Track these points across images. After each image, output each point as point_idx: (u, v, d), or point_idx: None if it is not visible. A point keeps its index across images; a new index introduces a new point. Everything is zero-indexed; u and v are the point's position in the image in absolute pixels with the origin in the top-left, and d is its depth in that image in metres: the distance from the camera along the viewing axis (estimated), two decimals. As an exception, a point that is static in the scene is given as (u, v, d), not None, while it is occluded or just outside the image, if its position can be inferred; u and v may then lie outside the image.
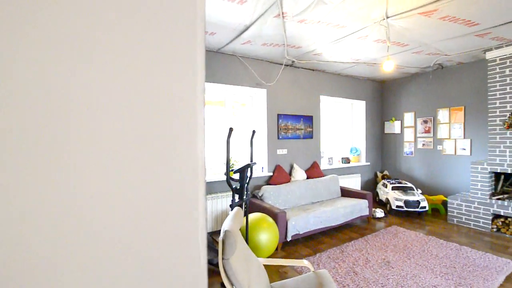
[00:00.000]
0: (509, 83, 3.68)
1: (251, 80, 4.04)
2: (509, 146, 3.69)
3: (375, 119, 5.84)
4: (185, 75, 0.47)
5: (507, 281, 2.51)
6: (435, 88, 4.97)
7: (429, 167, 5.09)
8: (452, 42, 3.47)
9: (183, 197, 0.47)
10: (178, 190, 0.47)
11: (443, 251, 3.12)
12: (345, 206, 3.80)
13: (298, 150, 4.53)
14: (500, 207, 3.68)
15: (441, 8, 2.49)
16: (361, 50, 3.68)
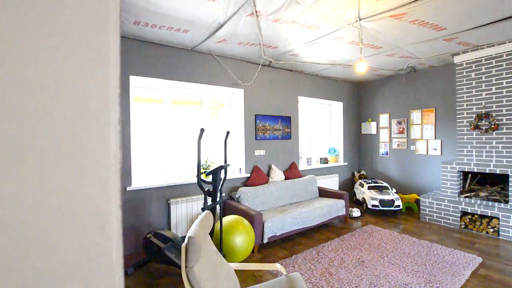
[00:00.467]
0: (475, 87, 3.86)
1: (228, 80, 3.96)
2: (475, 146, 3.87)
3: (353, 120, 5.95)
4: (92, 68, 0.39)
5: (472, 276, 2.61)
6: (408, 90, 5.14)
7: (403, 166, 5.24)
8: (422, 45, 3.58)
9: (89, 210, 0.39)
10: (83, 201, 0.39)
11: (415, 249, 3.20)
12: (322, 206, 3.82)
13: (276, 151, 4.51)
14: (468, 205, 3.85)
15: (410, 11, 2.55)
16: (337, 51, 3.71)
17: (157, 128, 3.66)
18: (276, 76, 4.55)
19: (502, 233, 3.52)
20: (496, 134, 3.66)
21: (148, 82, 3.44)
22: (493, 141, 3.69)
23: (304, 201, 4.20)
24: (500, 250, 3.17)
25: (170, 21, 2.72)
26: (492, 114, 3.68)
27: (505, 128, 3.59)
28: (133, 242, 3.20)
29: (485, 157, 3.76)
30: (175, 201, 3.38)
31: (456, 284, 2.43)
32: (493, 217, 3.66)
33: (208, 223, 1.75)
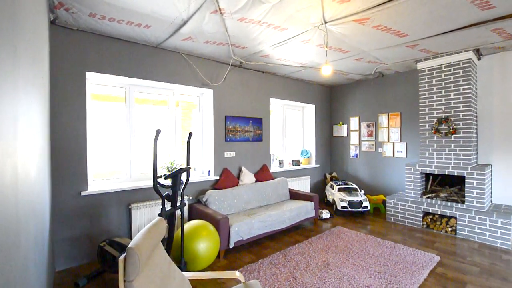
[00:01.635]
0: (435, 92, 4.05)
1: (196, 80, 3.83)
2: (436, 149, 4.05)
3: (325, 122, 6.04)
4: None
5: (430, 275, 2.69)
6: (376, 94, 5.30)
7: (371, 168, 5.40)
8: (387, 51, 3.70)
9: None
10: None
11: (379, 249, 3.26)
12: (292, 209, 3.80)
13: (247, 153, 4.44)
14: (429, 205, 4.01)
15: (373, 17, 2.60)
16: (306, 54, 3.72)
17: (120, 128, 3.44)
18: (248, 77, 4.49)
19: (459, 231, 3.71)
20: (454, 137, 3.86)
21: (109, 79, 3.23)
22: (452, 144, 3.88)
23: (274, 203, 4.16)
24: (457, 248, 3.32)
25: (129, 15, 2.56)
26: (451, 118, 3.87)
27: (462, 132, 3.79)
28: (88, 251, 2.97)
29: (445, 160, 3.95)
30: (136, 206, 3.19)
31: (415, 284, 2.49)
32: (451, 217, 3.84)
33: (159, 231, 1.62)
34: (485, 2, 2.36)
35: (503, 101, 3.87)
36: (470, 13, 2.55)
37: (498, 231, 3.38)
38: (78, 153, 2.90)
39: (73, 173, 2.86)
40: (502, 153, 3.89)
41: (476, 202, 3.62)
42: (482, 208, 3.58)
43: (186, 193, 3.71)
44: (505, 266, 2.87)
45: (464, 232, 3.66)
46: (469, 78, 3.73)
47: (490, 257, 3.07)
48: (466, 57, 3.72)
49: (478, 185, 3.60)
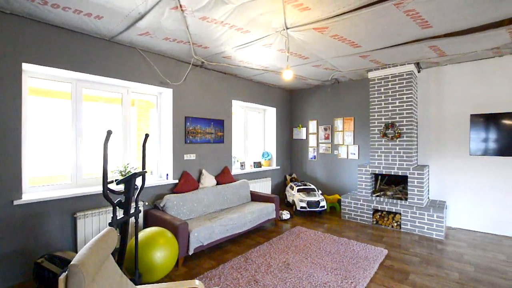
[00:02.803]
0: (383, 100, 4.44)
1: (154, 78, 3.62)
2: (384, 151, 4.43)
3: (285, 125, 6.21)
4: None
5: (380, 268, 2.92)
6: (333, 99, 5.63)
7: (328, 169, 5.70)
8: (343, 60, 3.94)
9: None
10: None
11: (335, 247, 3.44)
12: (253, 211, 3.80)
13: (207, 155, 4.33)
14: (378, 203, 4.37)
15: (331, 26, 2.74)
16: (268, 58, 3.78)
17: (65, 128, 3.08)
18: (209, 78, 4.40)
19: (403, 226, 4.10)
20: (399, 141, 4.27)
21: (52, 72, 2.87)
22: (397, 147, 4.29)
23: (235, 206, 4.12)
24: (401, 241, 3.67)
25: (77, 3, 2.31)
26: (396, 124, 4.28)
27: (405, 136, 4.21)
28: (23, 269, 2.58)
29: (391, 161, 4.35)
30: (83, 214, 2.87)
31: (367, 277, 2.68)
32: (396, 213, 4.23)
33: (109, 242, 1.47)
34: (425, 22, 2.66)
35: (438, 110, 4.41)
36: (412, 30, 2.85)
37: (434, 224, 3.82)
38: (10, 155, 2.51)
39: (3, 179, 2.47)
40: (437, 155, 4.42)
41: (417, 199, 4.04)
42: (421, 204, 4.01)
43: (141, 198, 3.47)
44: (439, 254, 3.25)
45: (407, 226, 4.06)
46: (411, 88, 4.17)
47: (428, 248, 3.45)
48: (409, 69, 4.15)
49: (418, 184, 4.03)
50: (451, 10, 2.43)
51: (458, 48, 3.46)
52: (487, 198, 4.00)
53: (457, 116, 4.22)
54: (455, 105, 4.25)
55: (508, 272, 2.82)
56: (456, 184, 4.26)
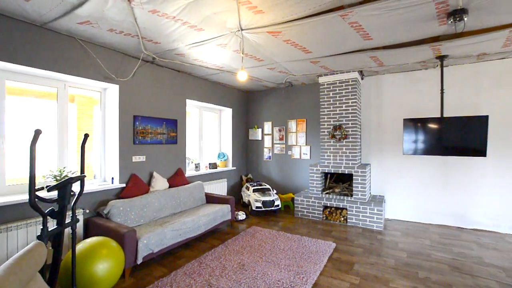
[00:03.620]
0: (332, 103, 4.76)
1: (97, 72, 3.30)
2: (332, 151, 4.75)
3: (241, 126, 6.23)
4: None
5: (329, 261, 3.11)
6: (287, 102, 5.84)
7: (282, 169, 5.89)
8: (295, 64, 4.11)
9: None
10: None
11: (288, 244, 3.56)
12: (208, 213, 3.72)
13: (159, 157, 4.10)
14: (328, 200, 4.66)
15: (284, 31, 2.83)
16: (223, 58, 3.74)
17: (-23, 127, 2.60)
18: (162, 75, 4.17)
19: (349, 220, 4.44)
20: (345, 142, 4.62)
21: (-41, 59, 2.40)
22: (344, 148, 4.64)
23: (189, 209, 3.98)
24: (347, 235, 3.97)
25: (-4, -20, 1.97)
26: (343, 126, 4.62)
27: (351, 137, 4.58)
28: None
29: (339, 160, 4.68)
30: (4, 228, 2.46)
31: (317, 271, 2.82)
32: (343, 208, 4.57)
33: (35, 259, 1.28)
34: (366, 34, 2.92)
35: (378, 114, 4.89)
36: (356, 40, 3.11)
37: (374, 216, 4.22)
38: None
39: None
40: (377, 154, 4.91)
41: (360, 194, 4.43)
42: (364, 199, 4.40)
43: (81, 206, 3.12)
44: (379, 244, 3.60)
45: (352, 220, 4.41)
46: (355, 93, 4.55)
47: (369, 239, 3.80)
48: (353, 76, 4.52)
49: (361, 181, 4.42)
50: (387, 26, 2.71)
51: (393, 60, 3.89)
52: (417, 192, 4.58)
53: (393, 120, 4.75)
54: (392, 110, 4.77)
55: (431, 255, 3.26)
56: (393, 180, 4.79)
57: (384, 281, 2.65)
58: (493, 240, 3.74)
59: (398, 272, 2.84)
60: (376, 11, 2.38)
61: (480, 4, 2.28)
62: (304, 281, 2.60)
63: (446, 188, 4.37)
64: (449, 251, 3.37)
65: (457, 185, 4.29)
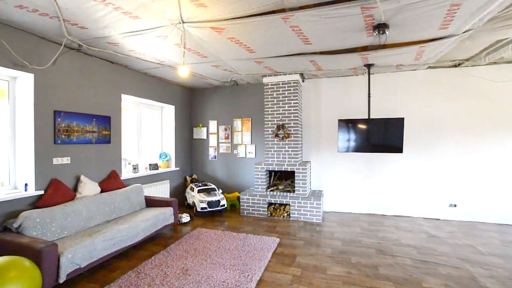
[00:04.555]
0: (276, 103, 4.92)
1: (3, 57, 2.72)
2: (276, 150, 4.92)
3: (185, 124, 5.97)
4: None
5: (273, 256, 3.20)
6: (232, 100, 5.82)
7: (228, 168, 5.85)
8: (240, 63, 4.11)
9: None
10: None
11: (234, 243, 3.55)
12: (147, 218, 3.45)
13: (88, 158, 3.63)
14: (272, 197, 4.81)
15: (228, 28, 2.79)
16: (163, 51, 3.51)
17: None
18: (91, 66, 3.69)
19: (292, 215, 4.67)
20: (288, 141, 4.84)
21: None
22: (286, 146, 4.85)
23: (126, 215, 3.63)
24: (290, 229, 4.16)
25: None
26: (286, 125, 4.83)
27: (293, 136, 4.81)
28: None
29: (282, 158, 4.87)
30: None
31: (262, 267, 2.88)
32: (286, 204, 4.78)
33: None
34: (306, 38, 3.09)
35: (317, 114, 5.26)
36: (297, 44, 3.27)
37: (314, 210, 4.53)
38: None
39: None
40: (316, 152, 5.28)
41: (302, 190, 4.69)
42: (305, 194, 4.68)
43: (-20, 219, 2.54)
44: (318, 235, 3.87)
45: (295, 215, 4.65)
46: (296, 95, 4.80)
47: (310, 231, 4.05)
48: (295, 78, 4.76)
49: (302, 177, 4.68)
50: (324, 33, 2.91)
51: (329, 65, 4.22)
52: (349, 185, 5.08)
53: (330, 120, 5.16)
54: (328, 111, 5.18)
55: (362, 241, 3.65)
56: (329, 176, 5.21)
57: (322, 270, 2.85)
58: (408, 223, 4.40)
59: (334, 260, 3.09)
60: (314, 18, 2.53)
61: (398, 21, 2.63)
62: (249, 279, 2.61)
63: (372, 181, 4.96)
64: (375, 236, 3.83)
65: (381, 178, 4.91)
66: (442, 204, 4.62)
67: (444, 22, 2.65)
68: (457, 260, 3.08)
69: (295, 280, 2.64)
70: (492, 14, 2.51)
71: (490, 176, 4.41)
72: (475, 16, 2.53)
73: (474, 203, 4.48)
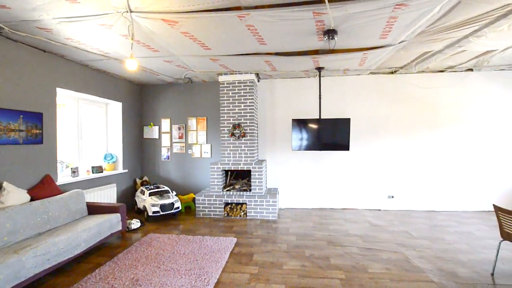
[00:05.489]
0: (231, 102, 4.89)
1: None
2: (232, 149, 4.89)
3: (134, 123, 5.54)
4: None
5: (230, 256, 3.17)
6: (187, 98, 5.60)
7: (182, 169, 5.62)
8: (195, 60, 3.97)
9: None
10: None
11: (190, 246, 3.42)
12: (90, 227, 3.10)
13: (13, 161, 3.11)
14: (228, 197, 4.77)
15: (181, 22, 2.66)
16: (109, 42, 3.19)
17: None
18: (17, 53, 3.16)
19: (248, 214, 4.69)
20: (244, 140, 4.85)
21: None
22: (242, 145, 4.85)
23: (63, 225, 3.20)
24: (247, 228, 4.18)
25: None
26: (242, 125, 4.83)
27: (249, 136, 4.84)
28: None
29: (238, 157, 4.86)
30: None
31: (219, 268, 2.82)
32: (243, 203, 4.78)
33: None
34: (261, 38, 3.12)
35: (272, 114, 5.38)
36: (252, 43, 3.28)
37: (270, 208, 4.62)
38: None
39: None
40: (272, 150, 5.40)
41: (258, 189, 4.75)
42: (261, 193, 4.75)
43: None
44: (274, 232, 3.96)
45: (251, 213, 4.68)
46: (252, 94, 4.83)
47: (266, 229, 4.12)
48: (251, 78, 4.79)
49: (258, 176, 4.74)
50: (278, 34, 2.98)
51: (283, 66, 4.35)
52: (302, 182, 5.31)
53: (284, 120, 5.33)
54: (283, 111, 5.35)
55: (314, 235, 3.85)
56: (284, 174, 5.38)
57: (279, 265, 2.92)
58: (354, 215, 4.79)
59: (290, 255, 3.20)
60: (270, 18, 2.57)
61: (346, 28, 2.83)
62: (206, 282, 2.54)
63: (322, 177, 5.27)
64: (326, 229, 4.08)
65: (330, 174, 5.26)
66: (382, 196, 5.15)
67: (383, 32, 2.94)
68: (395, 245, 3.46)
69: (252, 279, 2.65)
70: (421, 28, 2.87)
71: (420, 170, 5.06)
72: (409, 29, 2.86)
73: (408, 194, 5.09)
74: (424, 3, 2.30)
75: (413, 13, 2.49)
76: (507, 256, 3.08)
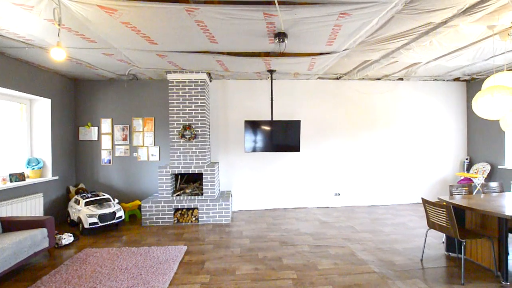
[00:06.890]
0: (181, 102, 4.64)
1: None
2: (182, 152, 4.63)
3: (67, 123, 4.86)
4: None
5: (179, 267, 2.96)
6: (131, 97, 5.14)
7: (126, 174, 5.13)
8: (139, 54, 3.65)
9: None
10: None
11: (133, 260, 3.10)
12: (3, 247, 2.57)
13: None
14: (179, 202, 4.50)
15: (121, 10, 2.39)
16: (30, 27, 2.71)
17: None
18: None
19: (200, 219, 4.49)
20: (195, 142, 4.64)
21: None
22: (193, 147, 4.64)
23: (-34, 247, 2.60)
24: (199, 234, 3.99)
25: None
26: (192, 126, 4.62)
27: (200, 137, 4.65)
28: None
29: (189, 160, 4.63)
30: None
31: (166, 281, 2.60)
32: (194, 208, 4.56)
33: None
34: (212, 36, 3.01)
35: (224, 115, 5.27)
36: (203, 41, 3.14)
37: (223, 211, 4.50)
38: None
39: None
40: (224, 152, 5.29)
41: (210, 192, 4.59)
42: (214, 196, 4.60)
43: None
44: (227, 236, 3.86)
45: (203, 218, 4.49)
46: (204, 94, 4.66)
47: (219, 233, 3.99)
48: (202, 77, 4.62)
49: (211, 179, 4.59)
50: (229, 33, 2.90)
51: (236, 67, 4.29)
52: (255, 184, 5.32)
53: (237, 121, 5.27)
54: (236, 112, 5.28)
55: (267, 236, 3.86)
56: (237, 176, 5.32)
57: (231, 271, 2.83)
58: (305, 214, 4.97)
59: (243, 259, 3.13)
60: (220, 15, 2.48)
61: (295, 32, 2.90)
62: (151, 299, 2.30)
63: (275, 178, 5.36)
64: (279, 230, 4.13)
65: (282, 175, 5.37)
66: (329, 193, 5.46)
67: (329, 39, 3.09)
68: (342, 240, 3.66)
69: (203, 288, 2.50)
70: (362, 38, 3.10)
71: (362, 169, 5.50)
72: (351, 38, 3.06)
73: (352, 191, 5.49)
74: (364, 14, 2.48)
75: (355, 23, 2.66)
76: (432, 242, 3.51)
